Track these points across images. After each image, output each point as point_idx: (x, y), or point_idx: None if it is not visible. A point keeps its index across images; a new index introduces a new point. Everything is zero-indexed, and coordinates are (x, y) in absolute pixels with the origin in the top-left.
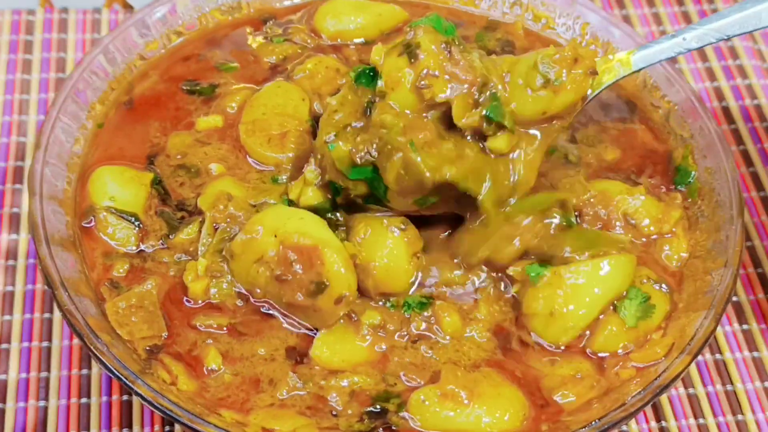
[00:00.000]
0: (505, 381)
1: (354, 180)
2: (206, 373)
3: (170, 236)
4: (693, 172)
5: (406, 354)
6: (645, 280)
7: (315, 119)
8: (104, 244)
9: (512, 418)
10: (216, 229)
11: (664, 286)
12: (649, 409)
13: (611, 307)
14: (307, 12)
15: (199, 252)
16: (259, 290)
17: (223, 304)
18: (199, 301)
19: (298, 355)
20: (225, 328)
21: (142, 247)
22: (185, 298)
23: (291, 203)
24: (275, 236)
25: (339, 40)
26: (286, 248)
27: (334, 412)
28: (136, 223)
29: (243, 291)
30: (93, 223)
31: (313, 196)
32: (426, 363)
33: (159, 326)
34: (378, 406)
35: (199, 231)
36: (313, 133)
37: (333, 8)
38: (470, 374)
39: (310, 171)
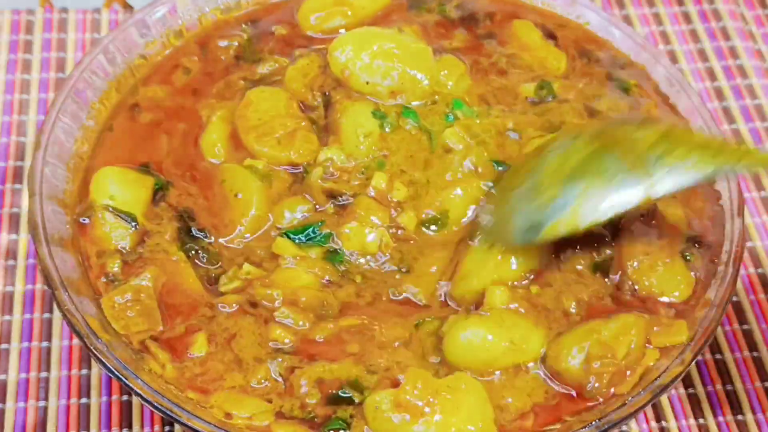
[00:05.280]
0: (472, 393)
1: None
2: (189, 356)
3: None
4: None
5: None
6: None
7: (307, 115)
8: (99, 241)
9: None
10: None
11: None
12: (649, 409)
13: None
14: (289, 7)
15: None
16: None
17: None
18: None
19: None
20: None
21: (139, 249)
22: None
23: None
24: None
25: (321, 33)
26: None
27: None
28: (133, 224)
29: None
30: (89, 221)
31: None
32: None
33: (155, 320)
34: (347, 392)
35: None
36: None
37: (316, 5)
38: (434, 382)
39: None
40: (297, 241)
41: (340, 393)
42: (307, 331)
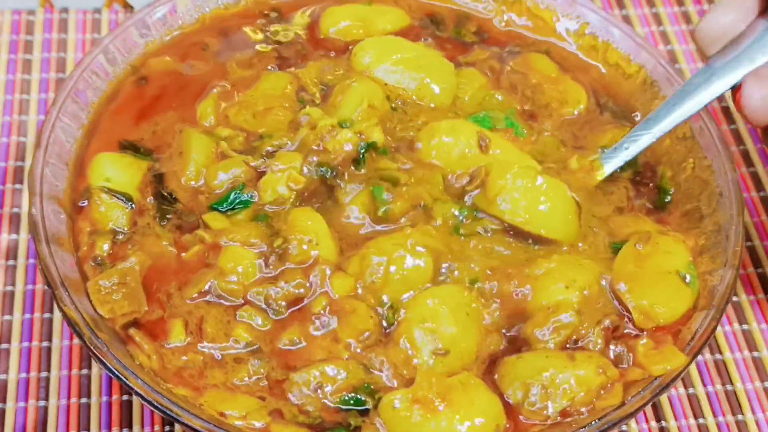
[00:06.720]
0: (481, 388)
1: None
2: (168, 346)
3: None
4: (671, 190)
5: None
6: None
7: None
8: (95, 222)
9: (484, 427)
10: None
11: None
12: (649, 409)
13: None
14: (313, 13)
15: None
16: None
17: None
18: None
19: None
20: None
21: (134, 229)
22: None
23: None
24: None
25: (341, 40)
26: None
27: (295, 401)
28: (129, 204)
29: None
30: (87, 203)
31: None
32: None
33: (139, 301)
34: (361, 396)
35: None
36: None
37: (340, 15)
38: (445, 380)
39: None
40: (223, 210)
41: (357, 395)
42: (270, 332)
